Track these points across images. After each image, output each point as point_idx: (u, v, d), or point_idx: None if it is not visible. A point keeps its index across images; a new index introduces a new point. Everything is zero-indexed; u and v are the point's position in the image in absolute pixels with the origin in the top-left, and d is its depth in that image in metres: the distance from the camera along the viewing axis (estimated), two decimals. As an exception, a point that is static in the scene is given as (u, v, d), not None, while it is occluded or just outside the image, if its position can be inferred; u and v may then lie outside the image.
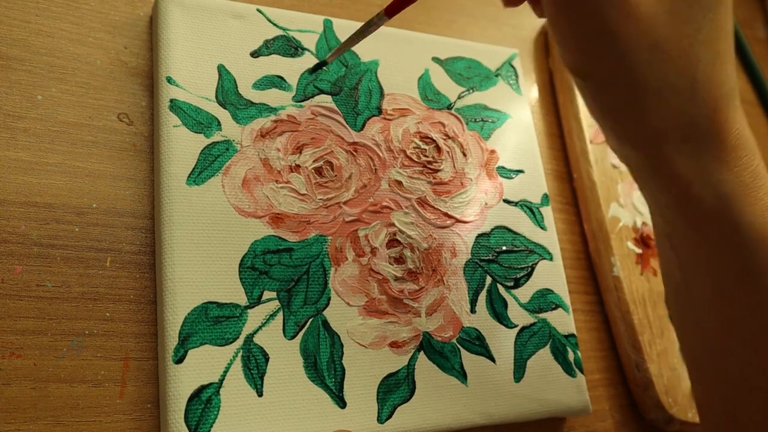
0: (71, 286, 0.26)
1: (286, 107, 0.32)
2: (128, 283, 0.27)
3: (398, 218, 0.32)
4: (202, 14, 0.31)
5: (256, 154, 0.30)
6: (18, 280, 0.25)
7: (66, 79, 0.29)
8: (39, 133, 0.28)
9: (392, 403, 0.29)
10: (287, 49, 0.33)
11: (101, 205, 0.28)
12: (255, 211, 0.29)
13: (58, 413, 0.25)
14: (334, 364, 0.28)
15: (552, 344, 0.33)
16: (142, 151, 0.29)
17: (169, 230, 0.27)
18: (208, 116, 0.30)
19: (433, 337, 0.31)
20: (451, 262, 0.33)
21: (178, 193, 0.28)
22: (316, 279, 0.29)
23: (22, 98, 0.28)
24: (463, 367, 0.31)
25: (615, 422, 0.37)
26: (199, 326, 0.26)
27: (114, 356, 0.26)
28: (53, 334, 0.25)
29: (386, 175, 0.33)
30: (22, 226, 0.26)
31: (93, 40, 0.30)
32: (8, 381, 0.24)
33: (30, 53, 0.29)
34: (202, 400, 0.25)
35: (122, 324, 0.27)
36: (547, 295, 0.34)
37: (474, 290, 0.33)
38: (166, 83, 0.29)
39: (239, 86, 0.31)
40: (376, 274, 0.31)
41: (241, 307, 0.27)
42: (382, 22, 0.27)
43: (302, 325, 0.28)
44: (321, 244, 0.30)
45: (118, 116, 0.30)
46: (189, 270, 0.27)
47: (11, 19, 0.29)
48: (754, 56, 0.66)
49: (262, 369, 0.27)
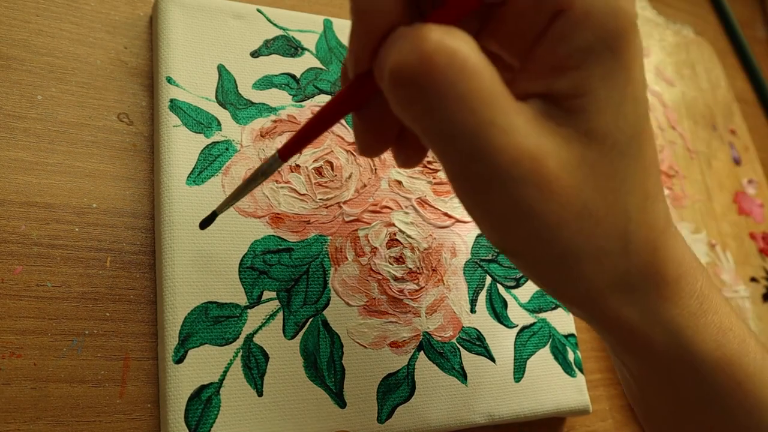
0: (71, 286, 0.26)
1: (286, 107, 0.32)
2: (128, 283, 0.27)
3: (398, 218, 0.32)
4: (202, 14, 0.31)
5: (256, 154, 0.30)
6: (18, 280, 0.25)
7: (66, 79, 0.29)
8: (39, 133, 0.28)
9: (392, 403, 0.29)
10: (287, 49, 0.33)
11: (101, 205, 0.28)
12: (255, 211, 0.29)
13: (58, 413, 0.25)
14: (334, 364, 0.28)
15: (552, 344, 0.33)
16: (142, 151, 0.29)
17: (169, 230, 0.27)
18: (208, 116, 0.30)
19: (433, 337, 0.31)
20: (451, 262, 0.33)
21: (178, 193, 0.28)
22: (316, 279, 0.29)
23: (22, 98, 0.28)
24: (463, 367, 0.31)
25: (615, 422, 0.37)
26: (199, 326, 0.26)
27: (114, 356, 0.26)
28: (53, 334, 0.25)
29: (386, 175, 0.33)
30: (22, 226, 0.26)
31: (93, 40, 0.30)
32: (8, 381, 0.24)
33: (30, 53, 0.29)
34: (202, 400, 0.25)
35: (122, 324, 0.27)
36: (547, 294, 0.34)
37: (474, 290, 0.33)
38: (166, 83, 0.29)
39: (239, 86, 0.31)
40: (376, 274, 0.31)
41: (241, 307, 0.27)
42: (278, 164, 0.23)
43: (302, 325, 0.28)
44: (321, 244, 0.30)
45: (118, 116, 0.30)
46: (189, 270, 0.27)
47: (11, 19, 0.29)
48: (754, 56, 0.66)
49: (262, 369, 0.27)
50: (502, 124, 0.17)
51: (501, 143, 0.17)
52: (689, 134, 0.52)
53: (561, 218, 0.18)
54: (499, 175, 0.17)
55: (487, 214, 0.19)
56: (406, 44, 0.17)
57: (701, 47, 0.59)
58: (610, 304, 0.20)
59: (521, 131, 0.17)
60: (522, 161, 0.17)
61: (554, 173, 0.18)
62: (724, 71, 0.60)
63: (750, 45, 0.66)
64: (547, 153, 0.17)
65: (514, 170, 0.17)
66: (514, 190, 0.17)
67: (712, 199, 0.50)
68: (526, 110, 0.18)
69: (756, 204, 0.54)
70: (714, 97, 0.57)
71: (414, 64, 0.16)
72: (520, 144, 0.17)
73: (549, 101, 0.18)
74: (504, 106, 0.17)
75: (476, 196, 0.19)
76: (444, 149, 0.18)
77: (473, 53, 0.17)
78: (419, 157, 0.24)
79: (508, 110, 0.17)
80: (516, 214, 0.18)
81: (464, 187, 0.19)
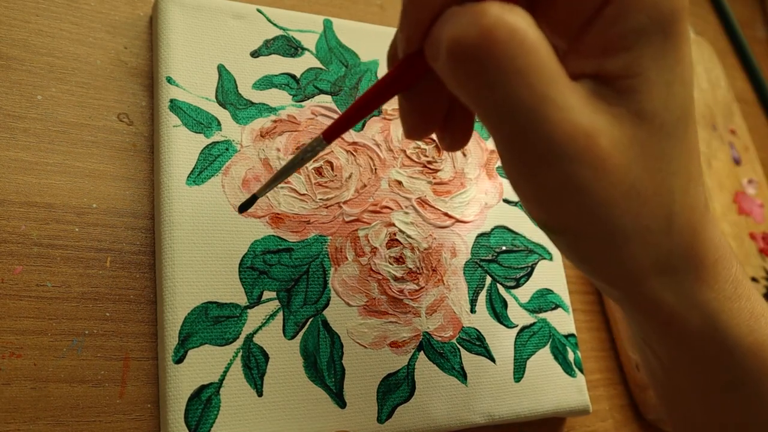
0: (71, 286, 0.26)
1: (286, 107, 0.32)
2: (128, 283, 0.27)
3: (398, 218, 0.32)
4: (202, 14, 0.31)
5: (256, 154, 0.30)
6: (18, 280, 0.25)
7: (66, 79, 0.29)
8: (39, 133, 0.28)
9: (392, 403, 0.29)
10: (287, 49, 0.33)
11: (101, 205, 0.28)
12: (255, 211, 0.29)
13: (58, 413, 0.25)
14: (334, 364, 0.28)
15: (552, 344, 0.33)
16: (142, 151, 0.29)
17: (169, 230, 0.27)
18: (208, 116, 0.30)
19: (433, 337, 0.31)
20: (451, 262, 0.33)
21: (178, 193, 0.28)
22: (316, 279, 0.29)
23: (22, 98, 0.28)
24: (463, 367, 0.31)
25: (615, 422, 0.37)
26: (199, 326, 0.26)
27: (114, 356, 0.26)
28: (53, 334, 0.25)
29: (386, 175, 0.33)
30: (22, 226, 0.26)
31: (93, 40, 0.30)
32: (8, 381, 0.24)
33: (30, 53, 0.29)
34: (202, 400, 0.25)
35: (122, 324, 0.27)
36: (547, 295, 0.34)
37: (474, 290, 0.33)
38: (166, 83, 0.29)
39: (239, 86, 0.31)
40: (376, 274, 0.31)
41: (241, 307, 0.27)
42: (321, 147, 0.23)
43: (302, 325, 0.28)
44: (321, 244, 0.30)
45: (118, 116, 0.30)
46: (189, 270, 0.27)
47: (11, 19, 0.29)
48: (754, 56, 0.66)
49: (262, 369, 0.27)
50: (558, 101, 0.17)
51: (557, 119, 0.17)
52: (689, 134, 0.52)
53: (611, 196, 0.18)
54: (553, 150, 0.17)
55: (539, 189, 0.19)
56: (466, 19, 0.17)
57: (701, 47, 0.59)
58: (651, 284, 0.20)
59: (576, 108, 0.17)
60: (577, 138, 0.17)
61: (607, 151, 0.18)
62: (724, 71, 0.60)
63: (750, 45, 0.66)
64: (600, 131, 0.18)
65: (568, 146, 0.17)
66: (567, 166, 0.18)
67: (712, 199, 0.50)
68: (579, 89, 0.18)
69: (756, 204, 0.54)
70: (714, 97, 0.57)
71: (474, 38, 0.16)
72: (575, 120, 0.17)
73: (600, 81, 0.18)
74: (560, 83, 0.17)
75: (529, 171, 0.19)
76: (500, 124, 0.18)
77: (531, 29, 0.17)
78: (465, 140, 0.24)
79: (564, 87, 0.17)
80: (568, 190, 0.18)
81: (517, 163, 0.19)
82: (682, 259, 0.20)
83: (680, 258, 0.20)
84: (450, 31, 0.17)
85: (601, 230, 0.19)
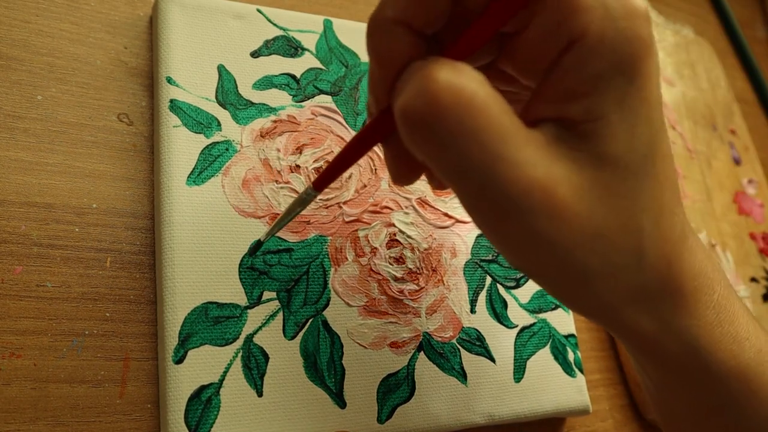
0: (71, 286, 0.26)
1: (286, 107, 0.32)
2: (128, 283, 0.27)
3: (398, 218, 0.32)
4: (202, 14, 0.31)
5: (256, 154, 0.30)
6: (18, 280, 0.25)
7: (66, 79, 0.29)
8: (39, 133, 0.28)
9: (392, 404, 0.29)
10: (287, 49, 0.33)
11: (101, 205, 0.28)
12: (255, 212, 0.29)
13: (58, 413, 0.25)
14: (334, 364, 0.28)
15: (552, 344, 0.34)
16: (142, 151, 0.29)
17: (169, 230, 0.27)
18: (208, 116, 0.30)
19: (433, 337, 0.31)
20: (451, 262, 0.33)
21: (178, 193, 0.28)
22: (316, 279, 0.29)
23: (22, 98, 0.28)
24: (463, 368, 0.31)
25: (615, 422, 0.37)
26: (199, 326, 0.26)
27: (114, 356, 0.26)
28: (53, 334, 0.25)
29: (386, 175, 0.33)
30: (22, 226, 0.26)
31: (93, 40, 0.30)
32: (8, 381, 0.24)
33: (30, 53, 0.29)
34: (202, 401, 0.25)
35: (122, 324, 0.27)
36: (546, 295, 0.34)
37: (474, 290, 0.33)
38: (166, 83, 0.29)
39: (239, 86, 0.31)
40: (376, 274, 0.31)
41: (241, 307, 0.27)
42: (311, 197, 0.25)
43: (302, 326, 0.28)
44: (321, 244, 0.30)
45: (118, 116, 0.30)
46: (189, 270, 0.27)
47: (11, 19, 0.29)
48: (754, 56, 0.66)
49: (262, 369, 0.27)
50: (511, 157, 0.17)
51: (511, 176, 0.17)
52: (689, 134, 0.52)
53: (574, 242, 0.18)
54: (511, 206, 0.18)
55: (504, 241, 0.19)
56: (413, 85, 0.17)
57: (701, 47, 0.59)
58: (627, 315, 0.21)
59: (531, 162, 0.17)
60: (532, 192, 0.17)
61: (565, 201, 0.18)
62: (724, 71, 0.60)
63: (750, 45, 0.66)
64: (557, 181, 0.18)
65: (525, 201, 0.17)
66: (526, 220, 0.18)
67: (712, 199, 0.50)
68: (537, 137, 0.18)
69: (756, 204, 0.54)
70: (714, 97, 0.57)
71: (420, 106, 0.17)
72: (530, 175, 0.17)
73: (562, 126, 0.18)
74: (513, 138, 0.17)
75: (492, 226, 0.19)
76: (458, 184, 0.18)
77: (481, 89, 0.17)
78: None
79: (518, 142, 0.17)
80: (530, 241, 0.18)
81: (480, 218, 0.19)
82: (657, 290, 0.20)
83: (654, 289, 0.20)
84: (400, 101, 0.17)
85: (568, 273, 0.19)
